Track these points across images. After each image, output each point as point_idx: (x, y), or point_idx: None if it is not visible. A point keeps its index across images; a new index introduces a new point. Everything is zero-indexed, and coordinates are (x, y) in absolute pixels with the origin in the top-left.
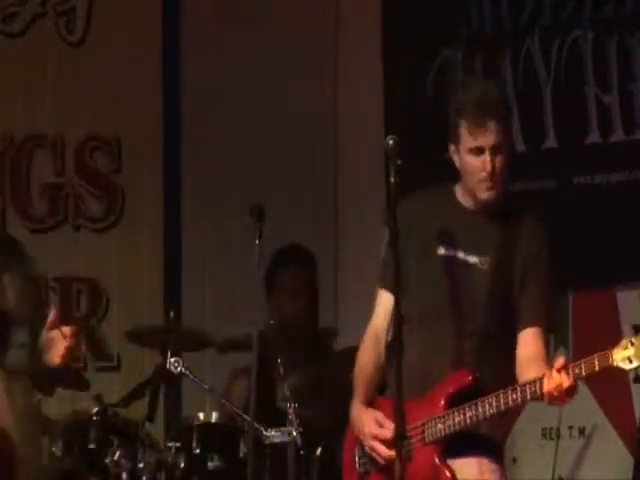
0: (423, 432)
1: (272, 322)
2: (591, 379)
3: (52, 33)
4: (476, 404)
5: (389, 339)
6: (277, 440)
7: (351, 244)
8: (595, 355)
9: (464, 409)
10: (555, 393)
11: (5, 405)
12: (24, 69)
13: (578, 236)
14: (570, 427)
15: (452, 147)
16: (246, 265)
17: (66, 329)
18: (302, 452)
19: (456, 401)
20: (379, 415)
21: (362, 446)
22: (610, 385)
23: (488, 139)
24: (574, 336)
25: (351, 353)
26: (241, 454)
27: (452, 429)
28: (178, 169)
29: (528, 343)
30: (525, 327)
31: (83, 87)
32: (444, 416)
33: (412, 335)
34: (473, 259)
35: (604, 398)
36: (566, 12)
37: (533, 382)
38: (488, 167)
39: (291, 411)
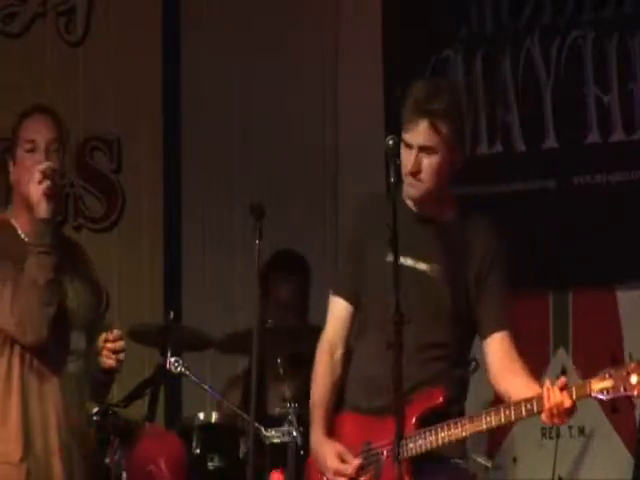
0: (393, 450)
1: (270, 322)
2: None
3: (52, 33)
4: (449, 425)
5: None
6: (277, 440)
7: None
8: (573, 385)
9: (436, 429)
10: (555, 411)
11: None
12: (24, 69)
13: (578, 236)
14: (570, 427)
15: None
16: (246, 265)
17: (117, 332)
18: (302, 452)
19: (425, 420)
20: (340, 448)
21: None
22: None
23: (417, 138)
24: (574, 336)
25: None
26: (241, 454)
27: (423, 448)
28: (178, 169)
29: (500, 348)
30: (492, 333)
31: (83, 87)
32: (416, 435)
33: (364, 344)
34: (422, 266)
35: None
36: (566, 12)
37: (524, 402)
38: (409, 165)
39: (291, 411)
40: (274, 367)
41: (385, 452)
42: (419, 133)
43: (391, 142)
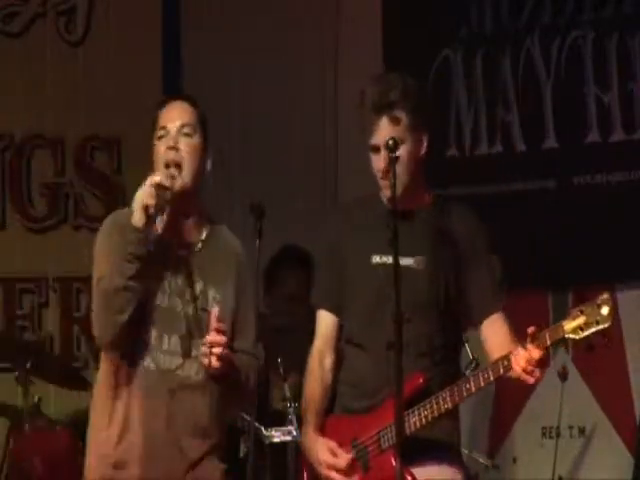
0: (378, 440)
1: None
2: (591, 379)
3: (52, 33)
4: (430, 402)
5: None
6: (277, 440)
7: None
8: (546, 330)
9: (418, 410)
10: (529, 367)
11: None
12: (24, 69)
13: (578, 236)
14: (570, 427)
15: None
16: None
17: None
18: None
19: (410, 405)
20: (332, 444)
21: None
22: (610, 385)
23: (381, 137)
24: None
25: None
26: (241, 454)
27: (408, 431)
28: None
29: (497, 331)
30: (487, 316)
31: (83, 87)
32: None
33: (357, 348)
34: (407, 261)
35: (604, 398)
36: (566, 12)
37: (500, 360)
38: (379, 165)
39: (291, 411)
40: (275, 365)
41: (370, 445)
42: (382, 131)
43: (391, 142)
